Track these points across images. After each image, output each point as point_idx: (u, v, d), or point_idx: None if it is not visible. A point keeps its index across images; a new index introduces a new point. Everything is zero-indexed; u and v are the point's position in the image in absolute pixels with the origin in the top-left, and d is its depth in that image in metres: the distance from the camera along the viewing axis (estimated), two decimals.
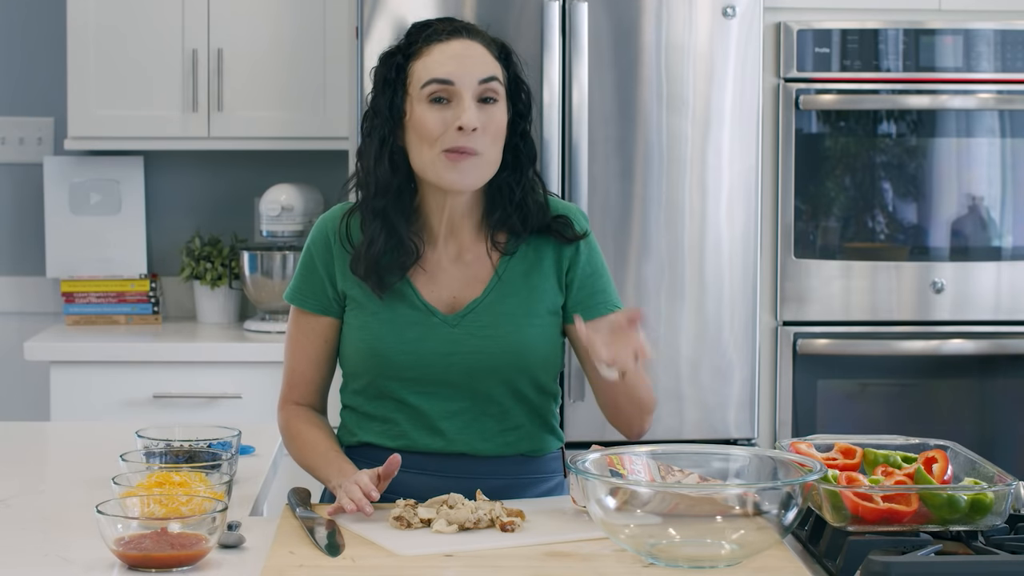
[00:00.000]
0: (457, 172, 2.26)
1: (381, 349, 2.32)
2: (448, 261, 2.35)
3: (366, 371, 2.35)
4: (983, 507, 1.95)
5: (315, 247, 2.39)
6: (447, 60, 2.27)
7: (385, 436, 2.36)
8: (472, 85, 2.27)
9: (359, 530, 2.10)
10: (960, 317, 3.91)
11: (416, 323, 2.32)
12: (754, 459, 2.06)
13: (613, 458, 2.05)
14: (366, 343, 2.34)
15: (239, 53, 4.11)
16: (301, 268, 2.41)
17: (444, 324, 2.33)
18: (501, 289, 2.34)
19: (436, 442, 2.34)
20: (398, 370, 2.32)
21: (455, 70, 2.26)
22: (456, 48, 2.29)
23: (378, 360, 2.33)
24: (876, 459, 2.13)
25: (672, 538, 1.90)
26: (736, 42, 3.70)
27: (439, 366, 2.32)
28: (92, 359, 3.88)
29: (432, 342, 2.32)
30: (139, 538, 1.90)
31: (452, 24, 2.32)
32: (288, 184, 4.16)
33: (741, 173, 3.71)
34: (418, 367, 2.32)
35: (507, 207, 2.34)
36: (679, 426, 3.72)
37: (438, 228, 2.35)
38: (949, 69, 3.87)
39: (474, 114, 2.25)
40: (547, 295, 2.36)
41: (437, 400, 2.34)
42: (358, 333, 2.35)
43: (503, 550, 2.02)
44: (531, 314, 2.34)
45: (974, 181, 3.93)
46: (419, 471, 2.33)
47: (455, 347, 2.32)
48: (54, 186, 4.33)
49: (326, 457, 2.32)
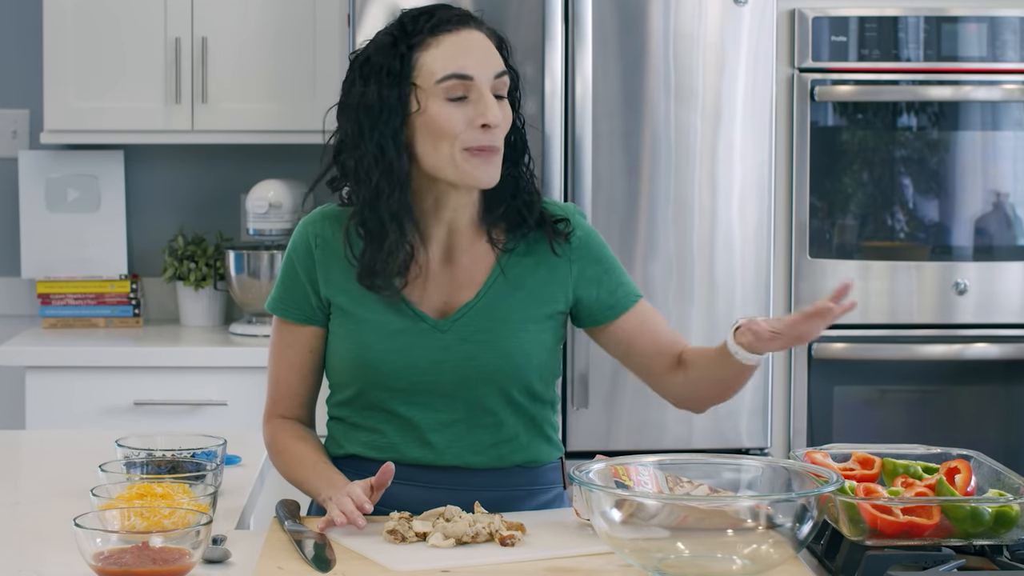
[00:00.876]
0: (482, 170, 2.27)
1: (368, 358, 2.32)
2: (438, 264, 2.35)
3: (353, 381, 2.35)
4: (1008, 520, 1.96)
5: (296, 254, 2.38)
6: (463, 53, 2.26)
7: (372, 448, 2.36)
8: (489, 79, 2.27)
9: (351, 544, 2.10)
10: (984, 320, 3.92)
11: (404, 330, 2.32)
12: (767, 469, 2.06)
13: (618, 468, 2.05)
14: (352, 352, 2.33)
15: (224, 42, 4.11)
16: (282, 276, 2.40)
17: (434, 330, 2.32)
18: (497, 292, 2.34)
19: (425, 454, 2.34)
20: (387, 380, 2.32)
21: (473, 64, 2.26)
22: (469, 39, 2.28)
23: (366, 370, 2.33)
24: (896, 469, 2.13)
25: (681, 553, 1.90)
26: (748, 30, 3.70)
27: (429, 374, 2.31)
28: (69, 364, 3.88)
29: (421, 349, 2.31)
30: (119, 553, 1.90)
31: (455, 11, 2.31)
32: (276, 180, 4.17)
33: (753, 168, 3.72)
34: (407, 376, 2.32)
35: (508, 200, 2.35)
36: (688, 435, 3.72)
37: (434, 228, 2.34)
38: (973, 59, 3.88)
39: (498, 111, 2.26)
40: (548, 298, 2.36)
41: (428, 411, 2.33)
42: (344, 342, 2.34)
43: (502, 565, 2.02)
44: (527, 318, 2.34)
45: (999, 177, 3.94)
46: (410, 483, 2.33)
47: (446, 354, 2.31)
48: (29, 182, 4.33)
49: (315, 469, 2.32)
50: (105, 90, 4.11)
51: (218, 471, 2.26)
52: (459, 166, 2.27)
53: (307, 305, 2.37)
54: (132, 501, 2.06)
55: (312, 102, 4.11)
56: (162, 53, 4.11)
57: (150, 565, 1.89)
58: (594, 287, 2.38)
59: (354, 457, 2.38)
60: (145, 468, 2.26)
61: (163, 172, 4.44)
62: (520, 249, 2.37)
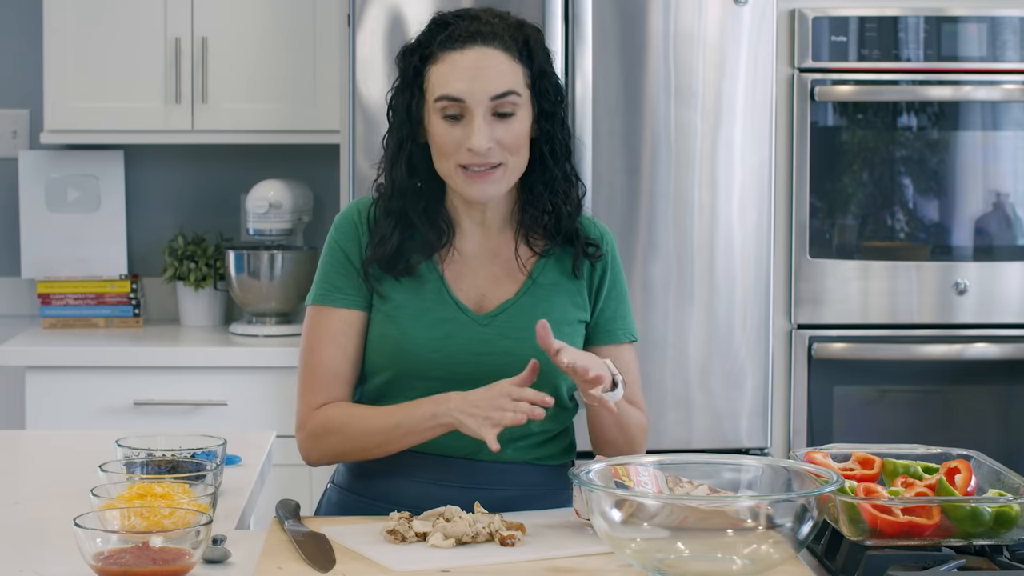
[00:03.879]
0: (473, 188, 2.32)
1: (407, 345, 2.34)
2: (477, 258, 2.40)
3: (389, 366, 2.36)
4: (1008, 520, 1.96)
5: (343, 239, 2.40)
6: (459, 74, 2.29)
7: None
8: (484, 102, 2.29)
9: (351, 544, 2.10)
10: (984, 320, 3.91)
11: (446, 319, 2.35)
12: (767, 470, 2.06)
13: (618, 469, 2.05)
14: (391, 338, 2.35)
15: (224, 42, 4.11)
16: (328, 266, 2.40)
17: (475, 323, 2.36)
18: (535, 292, 2.38)
19: (446, 441, 2.32)
20: (423, 367, 2.34)
21: (466, 87, 2.28)
22: (470, 59, 2.29)
23: (404, 356, 2.34)
24: (896, 469, 2.13)
25: (681, 553, 1.90)
26: (748, 30, 3.70)
27: (468, 366, 2.34)
28: (69, 364, 3.88)
29: (463, 341, 2.35)
30: (119, 553, 1.90)
31: (471, 26, 2.32)
32: (276, 180, 4.17)
33: (753, 168, 3.72)
34: (446, 365, 2.34)
35: (539, 208, 2.38)
36: (688, 435, 3.72)
37: (467, 223, 2.40)
38: (973, 59, 3.88)
39: (483, 136, 2.28)
40: (578, 305, 2.41)
41: None
42: (382, 327, 2.36)
43: (503, 565, 2.02)
44: (563, 320, 2.38)
45: (999, 176, 3.93)
46: (420, 480, 2.34)
47: (486, 347, 2.35)
48: (29, 182, 4.33)
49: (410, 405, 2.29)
50: (105, 90, 4.11)
51: (218, 471, 2.26)
52: (455, 180, 2.33)
53: (356, 289, 2.37)
54: (132, 501, 2.05)
55: (312, 102, 4.11)
56: (162, 53, 4.11)
57: (150, 565, 1.89)
58: (605, 307, 2.43)
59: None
60: (145, 468, 2.26)
61: (163, 172, 4.44)
62: (556, 256, 2.41)
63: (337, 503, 2.44)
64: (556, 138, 2.38)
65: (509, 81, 2.31)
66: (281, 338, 4.09)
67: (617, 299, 2.44)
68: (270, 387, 3.84)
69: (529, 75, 2.34)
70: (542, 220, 2.38)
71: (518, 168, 2.34)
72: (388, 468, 2.37)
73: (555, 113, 2.37)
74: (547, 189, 2.38)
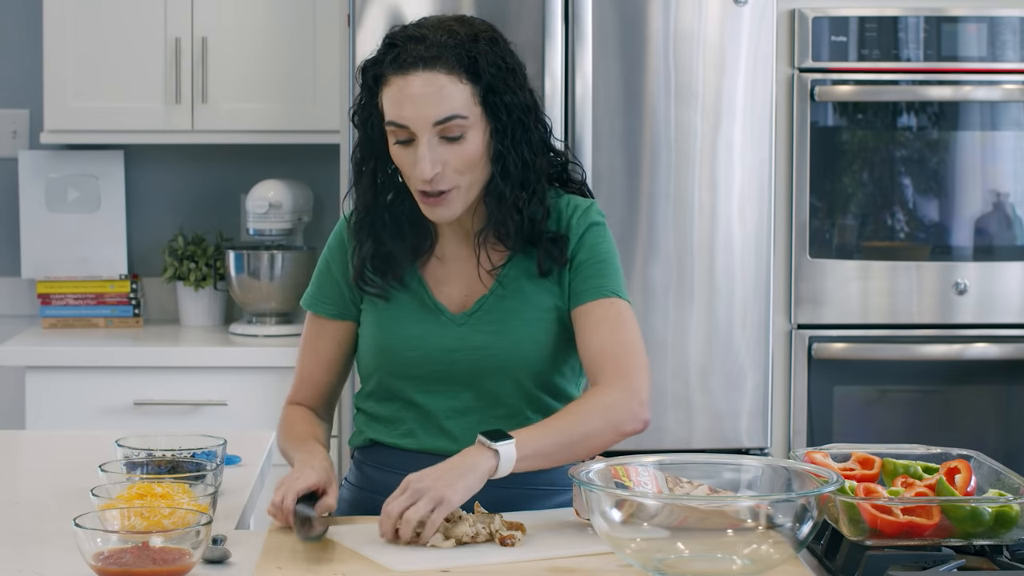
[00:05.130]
0: (430, 212, 2.35)
1: (388, 345, 2.40)
2: (457, 260, 2.43)
3: (376, 368, 2.43)
4: (1008, 520, 1.96)
5: (330, 252, 2.49)
6: (403, 101, 2.28)
7: (392, 434, 2.42)
8: (428, 128, 2.28)
9: (351, 544, 2.10)
10: (984, 320, 3.91)
11: (423, 320, 2.40)
12: (767, 469, 2.06)
13: (618, 468, 2.05)
14: (375, 339, 2.42)
15: (224, 42, 4.11)
16: (317, 275, 2.51)
17: (451, 322, 2.40)
18: (509, 284, 2.40)
19: (442, 442, 2.37)
20: (405, 368, 2.40)
21: (410, 114, 2.28)
22: (413, 85, 2.27)
23: (387, 356, 2.41)
24: (896, 469, 2.13)
25: (681, 553, 1.90)
26: (748, 30, 3.70)
27: (443, 364, 2.38)
28: (69, 364, 3.88)
29: (437, 339, 2.39)
30: (119, 553, 1.90)
31: (416, 49, 2.28)
32: (276, 180, 4.17)
33: (753, 168, 3.72)
34: (423, 364, 2.39)
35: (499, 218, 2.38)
36: (688, 435, 3.72)
37: (446, 229, 2.43)
38: (973, 59, 3.88)
39: (428, 163, 2.28)
40: (551, 292, 2.40)
41: (443, 398, 2.39)
42: (370, 330, 2.43)
43: (502, 565, 2.02)
44: (537, 308, 2.39)
45: (999, 176, 3.93)
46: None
47: (460, 343, 2.38)
48: (29, 182, 4.33)
49: (302, 439, 2.41)
50: (105, 90, 4.11)
51: (218, 471, 2.26)
52: (416, 199, 2.36)
53: (340, 300, 2.47)
54: (132, 501, 2.06)
55: (312, 102, 4.11)
56: (162, 53, 4.11)
57: (150, 565, 1.89)
58: (574, 277, 2.40)
59: (376, 444, 2.45)
60: (145, 468, 2.26)
61: (163, 172, 4.44)
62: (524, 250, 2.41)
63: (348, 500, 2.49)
64: (508, 157, 2.34)
65: (454, 105, 2.28)
66: (281, 338, 4.09)
67: (589, 265, 2.40)
68: (270, 387, 3.84)
69: (478, 93, 2.31)
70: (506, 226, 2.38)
71: (476, 184, 2.34)
72: (390, 467, 2.39)
73: (507, 130, 2.33)
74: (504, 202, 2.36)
